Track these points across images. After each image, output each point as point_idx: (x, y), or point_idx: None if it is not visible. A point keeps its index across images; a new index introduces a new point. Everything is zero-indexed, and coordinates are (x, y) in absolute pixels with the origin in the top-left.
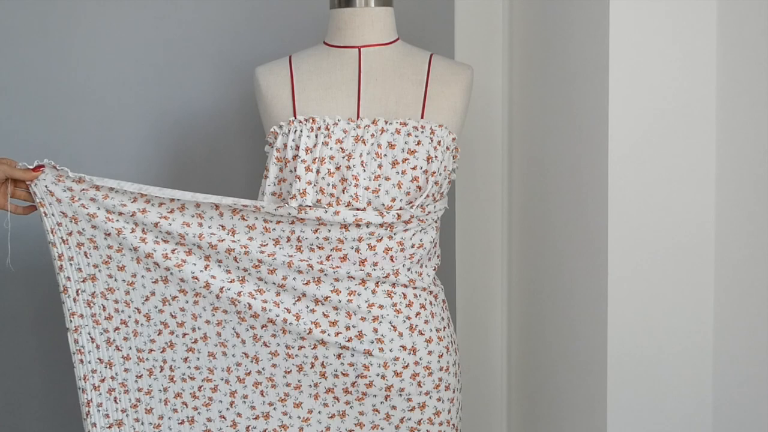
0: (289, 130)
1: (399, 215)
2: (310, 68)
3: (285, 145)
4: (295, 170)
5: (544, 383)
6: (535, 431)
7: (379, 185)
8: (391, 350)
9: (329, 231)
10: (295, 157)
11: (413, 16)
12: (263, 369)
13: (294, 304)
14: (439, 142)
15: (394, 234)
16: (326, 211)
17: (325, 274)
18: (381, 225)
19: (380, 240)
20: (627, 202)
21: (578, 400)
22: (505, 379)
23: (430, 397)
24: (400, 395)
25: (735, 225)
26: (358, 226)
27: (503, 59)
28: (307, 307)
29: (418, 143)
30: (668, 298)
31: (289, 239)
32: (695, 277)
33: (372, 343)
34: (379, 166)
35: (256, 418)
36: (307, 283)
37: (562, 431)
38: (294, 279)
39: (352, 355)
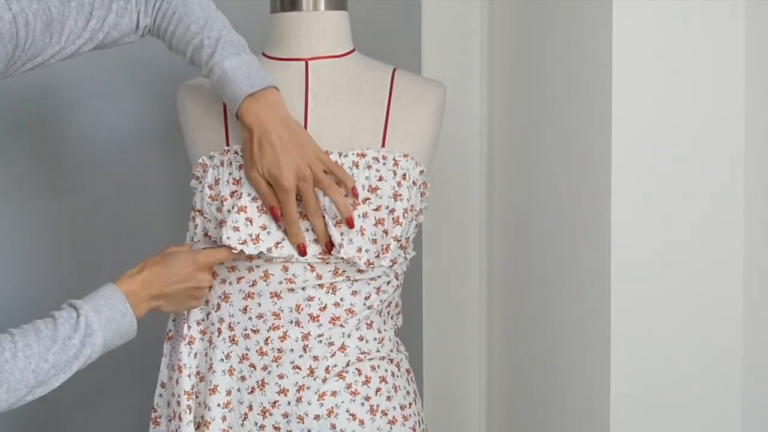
0: (222, 162)
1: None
2: None
3: (217, 180)
4: (243, 210)
5: None
6: None
7: (341, 234)
8: None
9: (259, 302)
10: (233, 193)
11: (369, 21)
12: None
13: (242, 424)
14: (404, 175)
15: (339, 298)
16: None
17: (269, 372)
18: (320, 285)
19: (324, 308)
20: (633, 228)
21: None
22: None
23: None
24: None
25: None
26: (291, 290)
27: (481, 74)
28: (256, 424)
29: (380, 179)
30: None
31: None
32: (720, 313)
33: None
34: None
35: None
36: (251, 392)
37: None
38: (239, 390)
39: None
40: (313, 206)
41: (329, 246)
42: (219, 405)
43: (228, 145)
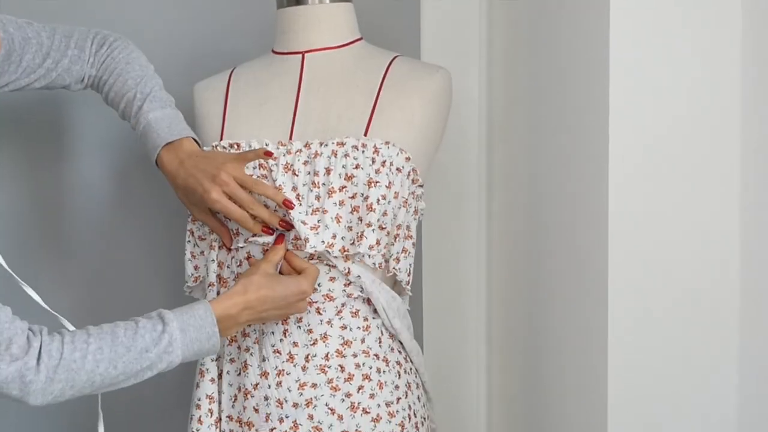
0: None
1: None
2: (248, 80)
3: None
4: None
5: None
6: None
7: (318, 220)
8: None
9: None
10: None
11: (368, 12)
12: None
13: (232, 405)
14: (384, 162)
15: (317, 283)
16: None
17: (251, 354)
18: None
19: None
20: (630, 237)
21: None
22: None
23: None
24: None
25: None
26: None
27: (480, 60)
28: (244, 408)
29: (357, 166)
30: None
31: None
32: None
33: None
34: (317, 198)
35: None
36: (238, 373)
37: None
38: (228, 373)
39: None
40: (246, 200)
41: (284, 224)
42: (207, 391)
43: (221, 140)
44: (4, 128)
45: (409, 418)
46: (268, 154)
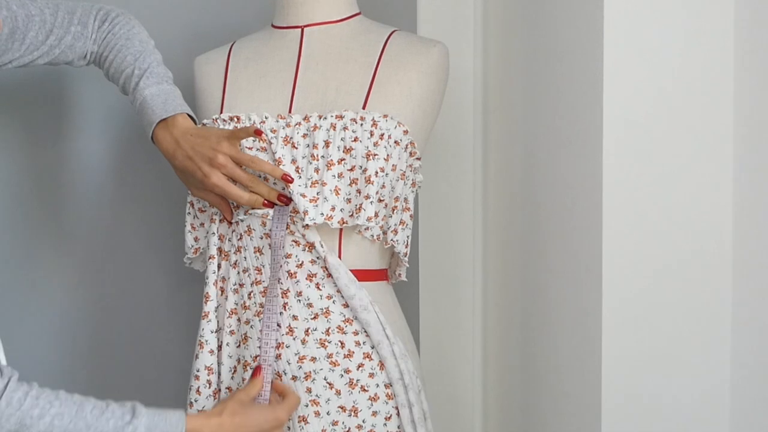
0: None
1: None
2: (248, 54)
3: None
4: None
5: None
6: None
7: (317, 193)
8: (328, 413)
9: (245, 256)
10: None
11: None
12: None
13: (232, 377)
14: (383, 135)
15: (315, 256)
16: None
17: (252, 327)
18: (296, 242)
19: (301, 265)
20: (624, 212)
21: None
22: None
23: None
24: None
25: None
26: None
27: (476, 35)
28: (243, 380)
29: (355, 139)
30: (678, 338)
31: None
32: (709, 300)
33: (306, 407)
34: (316, 170)
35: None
36: (238, 345)
37: None
38: (228, 345)
39: (288, 429)
40: (245, 179)
41: (282, 198)
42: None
43: (221, 113)
44: (6, 104)
45: (406, 403)
46: (258, 133)
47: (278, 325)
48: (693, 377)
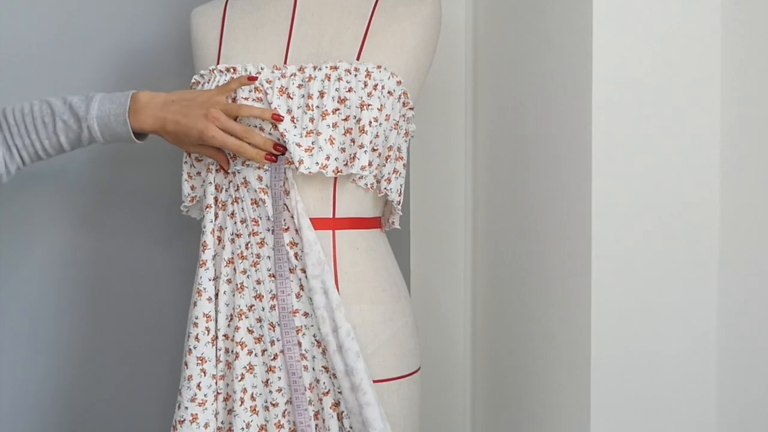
0: (210, 80)
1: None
2: (244, 6)
3: None
4: None
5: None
6: None
7: (312, 142)
8: (314, 368)
9: (242, 207)
10: None
11: None
12: None
13: (228, 324)
14: (376, 86)
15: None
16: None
17: (248, 276)
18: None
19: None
20: (613, 194)
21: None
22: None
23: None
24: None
25: (741, 222)
26: (268, 198)
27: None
28: (237, 328)
29: (350, 90)
30: (665, 320)
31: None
32: (696, 284)
33: (298, 361)
34: (311, 120)
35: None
36: (233, 294)
37: None
38: (225, 293)
39: (279, 379)
40: (239, 130)
41: (279, 147)
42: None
43: (218, 64)
44: None
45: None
46: (252, 79)
47: (290, 270)
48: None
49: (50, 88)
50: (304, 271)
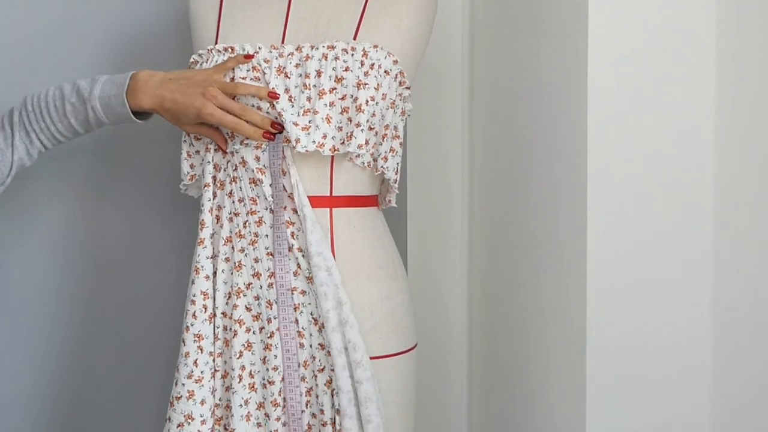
0: (208, 60)
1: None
2: None
3: None
4: None
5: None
6: None
7: (309, 121)
8: (311, 345)
9: (240, 186)
10: None
11: None
12: None
13: (226, 302)
14: (373, 65)
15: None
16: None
17: (246, 255)
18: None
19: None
20: (608, 183)
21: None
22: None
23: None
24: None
25: (736, 216)
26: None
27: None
28: (236, 306)
29: (347, 69)
30: (661, 313)
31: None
32: (690, 277)
33: (293, 338)
34: (308, 99)
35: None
36: (231, 272)
37: None
38: (223, 272)
39: (275, 357)
40: (237, 108)
41: (276, 125)
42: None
43: (216, 44)
44: None
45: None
46: (248, 57)
47: (289, 249)
48: (675, 371)
49: (49, 70)
50: (301, 250)
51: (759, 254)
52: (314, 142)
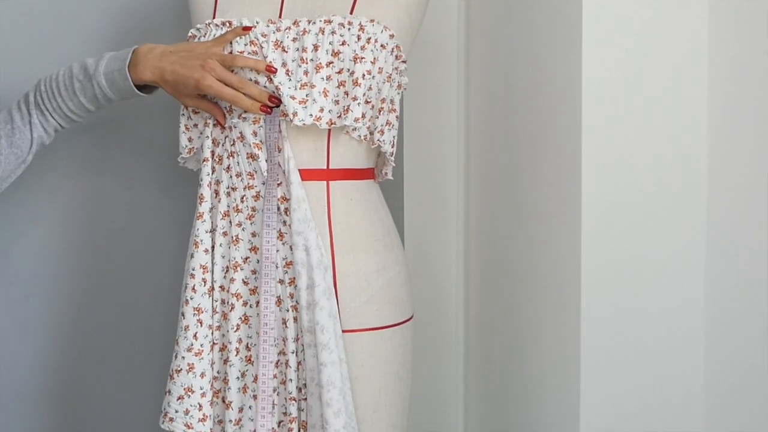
0: (206, 34)
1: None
2: None
3: None
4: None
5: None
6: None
7: (306, 95)
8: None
9: (238, 161)
10: None
11: None
12: None
13: (224, 276)
14: (369, 39)
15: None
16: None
17: (243, 229)
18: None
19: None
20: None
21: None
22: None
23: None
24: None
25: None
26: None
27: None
28: (233, 280)
29: (343, 43)
30: (654, 302)
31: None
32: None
33: (288, 311)
34: (305, 73)
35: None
36: (229, 246)
37: None
38: (221, 245)
39: (272, 329)
40: (235, 80)
41: (273, 99)
42: (201, 262)
43: (214, 18)
44: None
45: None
46: (246, 29)
47: (284, 224)
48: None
49: (49, 46)
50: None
51: (750, 247)
52: (311, 115)
